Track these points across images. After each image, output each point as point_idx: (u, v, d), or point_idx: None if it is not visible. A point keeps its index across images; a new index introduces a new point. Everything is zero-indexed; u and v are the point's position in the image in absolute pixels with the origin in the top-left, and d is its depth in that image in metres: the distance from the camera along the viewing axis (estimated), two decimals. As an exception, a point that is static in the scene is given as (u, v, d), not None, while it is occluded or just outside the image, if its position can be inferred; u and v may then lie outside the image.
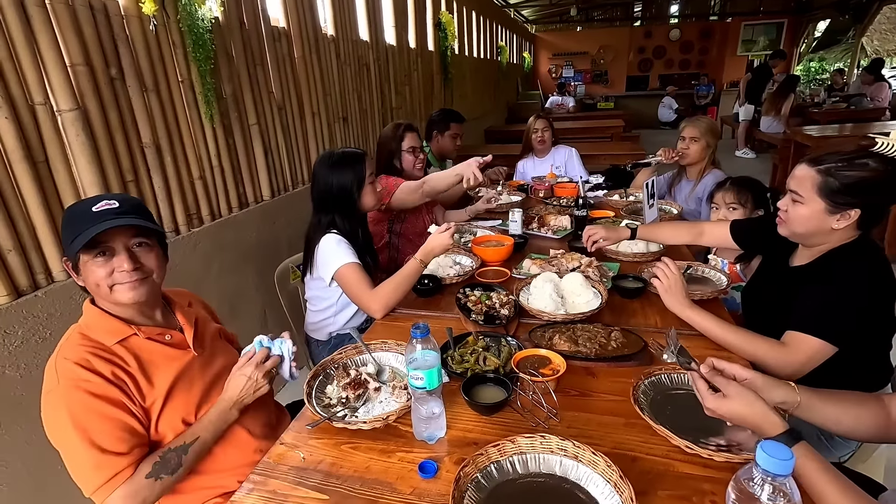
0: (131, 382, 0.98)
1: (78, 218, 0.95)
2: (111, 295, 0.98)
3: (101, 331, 0.99)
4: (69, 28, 1.49)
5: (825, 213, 1.14)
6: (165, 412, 1.01)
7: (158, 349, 1.04)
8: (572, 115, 9.17)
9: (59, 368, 0.94)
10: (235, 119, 2.23)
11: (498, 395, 1.04)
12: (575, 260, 1.69)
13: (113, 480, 0.91)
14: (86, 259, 0.95)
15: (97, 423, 0.92)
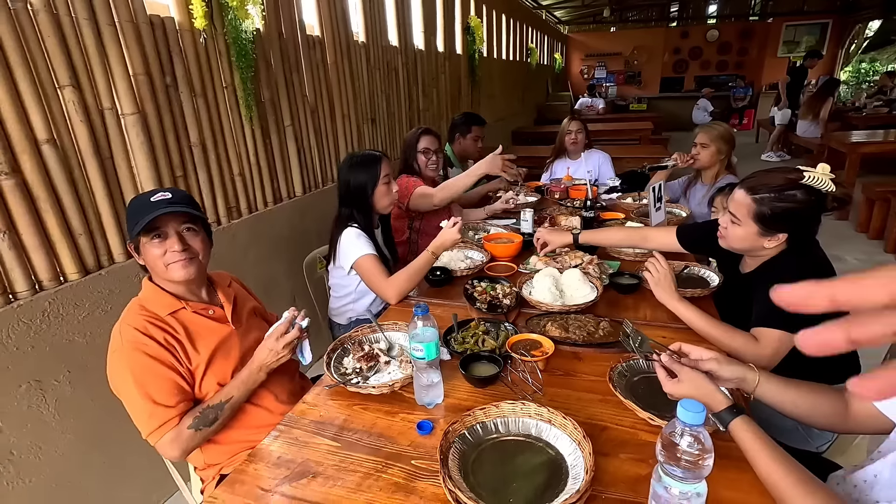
0: (180, 348, 1.16)
1: (139, 207, 1.14)
2: (166, 272, 1.17)
3: (157, 303, 1.18)
4: (133, 42, 1.71)
5: (758, 235, 1.30)
6: (207, 376, 1.19)
7: (203, 322, 1.23)
8: (602, 117, 9.15)
9: (122, 332, 1.14)
10: (272, 121, 2.44)
11: (491, 370, 1.18)
12: (578, 258, 1.81)
13: (162, 427, 1.10)
14: (145, 241, 1.15)
15: (152, 379, 1.11)
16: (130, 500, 1.78)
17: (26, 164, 1.44)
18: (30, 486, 1.47)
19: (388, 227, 2.04)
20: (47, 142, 1.48)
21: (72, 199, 1.56)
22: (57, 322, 1.52)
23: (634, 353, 1.16)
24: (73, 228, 1.58)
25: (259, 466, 0.96)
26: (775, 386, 1.02)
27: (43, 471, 1.51)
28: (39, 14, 1.45)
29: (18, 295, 1.45)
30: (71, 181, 1.56)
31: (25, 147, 1.43)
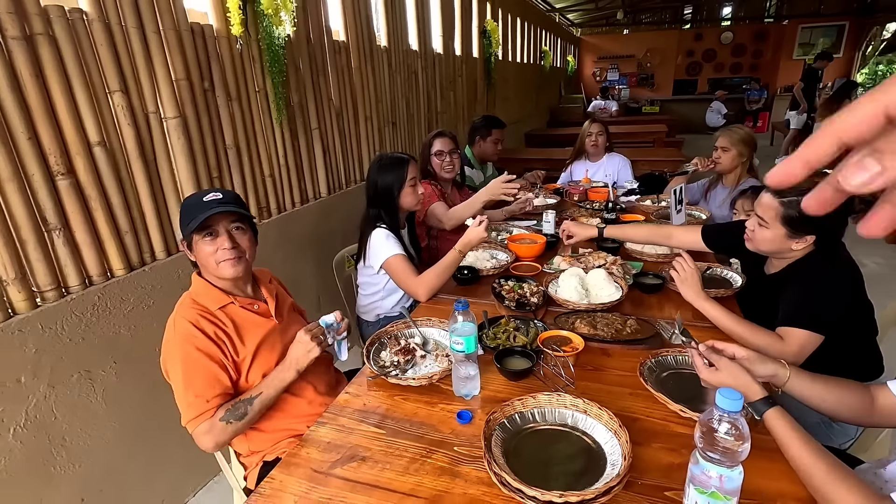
0: (228, 341, 1.23)
1: (192, 206, 1.21)
2: (217, 270, 1.23)
3: (207, 298, 1.25)
4: (176, 49, 1.79)
5: (785, 238, 1.34)
6: (253, 367, 1.26)
7: (249, 316, 1.29)
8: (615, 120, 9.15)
9: (176, 324, 1.21)
10: (300, 124, 2.51)
11: (524, 364, 1.24)
12: (601, 258, 1.86)
13: (198, 418, 1.16)
14: (197, 238, 1.21)
15: (195, 371, 1.17)
16: (170, 486, 1.86)
17: (80, 166, 1.52)
18: (79, 471, 1.55)
19: (414, 228, 2.10)
20: (98, 144, 1.57)
21: (119, 198, 1.64)
22: (105, 315, 1.60)
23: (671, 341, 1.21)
24: (120, 227, 1.66)
25: (311, 451, 1.03)
26: (804, 381, 1.06)
27: (91, 457, 1.58)
28: (94, 24, 1.53)
29: (71, 289, 1.53)
30: (118, 182, 1.64)
31: (80, 149, 1.51)
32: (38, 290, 1.45)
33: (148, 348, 1.74)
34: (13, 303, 1.39)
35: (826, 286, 1.31)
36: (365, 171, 3.11)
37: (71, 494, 1.53)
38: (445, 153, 2.39)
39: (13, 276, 1.37)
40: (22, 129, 1.36)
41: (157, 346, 1.76)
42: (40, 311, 1.43)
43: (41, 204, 1.43)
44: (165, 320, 1.78)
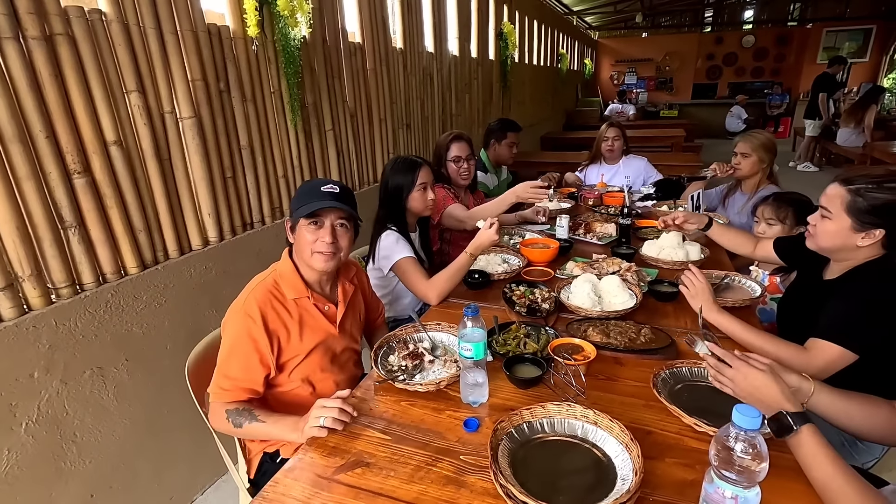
0: (286, 334, 1.24)
1: (309, 192, 1.24)
2: (310, 259, 1.25)
3: (289, 285, 1.27)
4: (193, 50, 1.80)
5: (851, 231, 1.22)
6: (299, 367, 1.29)
7: (317, 315, 1.31)
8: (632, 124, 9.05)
9: (246, 300, 1.23)
10: (314, 125, 2.52)
11: (534, 372, 1.21)
12: (615, 264, 1.82)
13: (218, 394, 1.21)
14: (303, 223, 1.24)
15: (237, 355, 1.20)
16: (179, 483, 1.87)
17: (96, 164, 1.54)
18: (89, 467, 1.56)
19: (426, 232, 2.09)
20: (115, 143, 1.58)
21: (134, 197, 1.66)
22: (118, 313, 1.62)
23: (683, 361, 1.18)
24: (135, 225, 1.67)
25: (314, 456, 1.01)
26: (829, 396, 1.02)
27: (102, 453, 1.60)
28: (112, 24, 1.55)
29: (85, 286, 1.54)
30: (133, 181, 1.65)
31: (96, 148, 1.53)
32: (53, 287, 1.47)
33: (159, 346, 1.76)
34: (28, 299, 1.41)
35: (878, 302, 1.19)
36: (378, 173, 3.11)
37: (81, 490, 1.54)
38: (462, 159, 2.36)
39: (29, 273, 1.39)
40: (40, 127, 1.38)
41: (169, 344, 1.79)
42: (54, 307, 1.45)
43: (58, 202, 1.45)
44: (177, 318, 1.81)
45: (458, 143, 2.37)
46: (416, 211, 1.92)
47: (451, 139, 2.38)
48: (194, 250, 1.91)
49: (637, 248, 2.05)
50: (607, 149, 3.23)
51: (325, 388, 1.35)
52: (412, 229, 1.98)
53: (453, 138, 2.38)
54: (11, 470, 1.37)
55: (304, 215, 1.22)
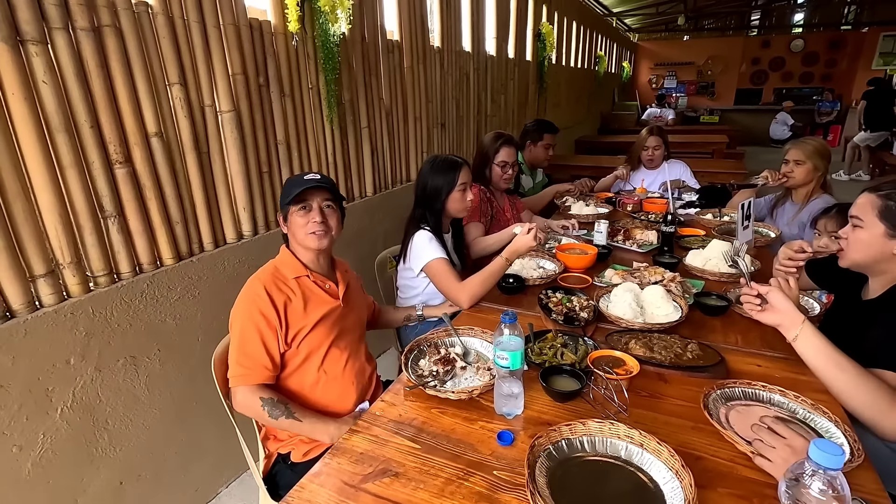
0: (291, 308, 1.30)
1: (294, 183, 1.33)
2: (304, 240, 1.33)
3: (288, 268, 1.35)
4: (234, 44, 1.81)
5: (885, 237, 1.17)
6: (306, 340, 1.32)
7: (318, 291, 1.37)
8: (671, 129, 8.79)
9: (251, 284, 1.31)
10: (350, 122, 2.50)
11: (572, 385, 1.15)
12: (658, 274, 1.73)
13: (239, 378, 1.25)
14: (293, 210, 1.32)
15: (251, 331, 1.26)
16: (204, 475, 1.87)
17: (137, 155, 1.55)
18: (119, 454, 1.58)
19: (459, 233, 2.04)
20: (155, 135, 1.59)
21: (172, 189, 1.67)
22: (153, 303, 1.63)
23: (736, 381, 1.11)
24: (172, 216, 1.69)
25: (342, 461, 0.98)
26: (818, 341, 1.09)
27: (132, 441, 1.61)
28: (158, 17, 1.56)
29: (122, 276, 1.56)
30: (172, 172, 1.67)
31: (138, 139, 1.54)
32: (92, 275, 1.49)
33: (191, 338, 1.77)
34: (68, 286, 1.43)
35: None
36: (412, 172, 3.08)
37: (111, 477, 1.56)
38: (509, 165, 2.29)
39: (69, 261, 1.41)
40: (85, 117, 1.40)
41: (200, 336, 1.79)
42: (92, 295, 1.46)
43: (99, 191, 1.46)
44: (210, 311, 1.82)
45: (508, 148, 2.30)
46: (454, 212, 1.88)
47: (503, 143, 2.29)
48: (228, 243, 1.92)
49: (681, 257, 1.94)
50: (647, 158, 3.12)
51: (335, 368, 1.37)
52: (445, 230, 1.93)
53: (504, 142, 2.30)
54: (46, 454, 1.39)
55: (293, 202, 1.30)
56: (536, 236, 1.90)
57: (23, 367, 1.32)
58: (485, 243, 2.09)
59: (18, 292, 1.31)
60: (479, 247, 2.10)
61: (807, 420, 1.03)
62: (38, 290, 1.36)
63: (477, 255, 2.13)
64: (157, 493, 1.71)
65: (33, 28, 1.27)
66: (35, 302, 1.36)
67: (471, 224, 2.17)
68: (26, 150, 1.30)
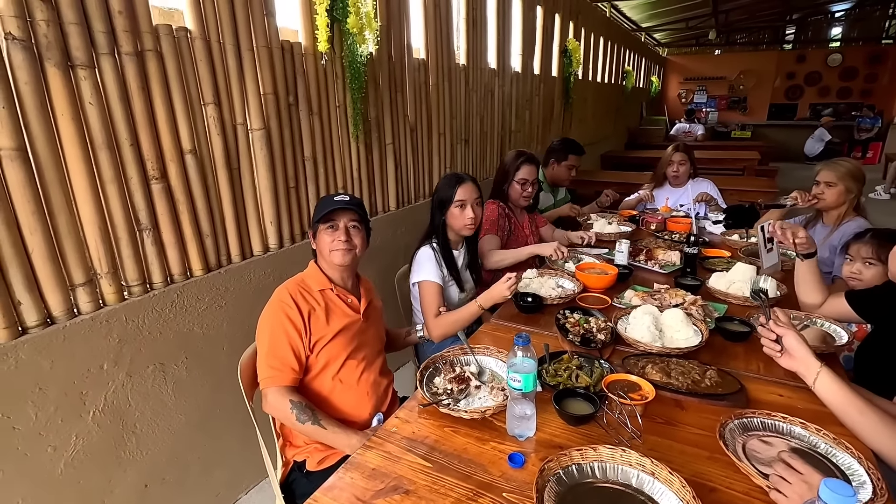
0: (314, 317, 1.38)
1: (324, 203, 1.44)
2: (330, 256, 1.42)
3: (314, 280, 1.45)
4: (266, 65, 1.89)
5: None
6: (325, 349, 1.38)
7: (340, 304, 1.46)
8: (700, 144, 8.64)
9: (279, 292, 1.40)
10: (375, 139, 2.57)
11: (586, 409, 1.14)
12: (679, 296, 1.71)
13: (270, 379, 1.31)
14: (321, 228, 1.42)
15: (279, 334, 1.33)
16: (226, 481, 1.92)
17: (172, 171, 1.63)
18: (146, 457, 1.64)
19: (473, 248, 2.06)
20: (190, 152, 1.67)
21: (203, 203, 1.74)
22: (182, 312, 1.70)
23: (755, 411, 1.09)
24: (202, 230, 1.76)
25: (355, 476, 1.00)
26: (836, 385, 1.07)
27: (158, 445, 1.67)
28: (196, 41, 1.65)
29: (155, 286, 1.63)
30: (204, 188, 1.74)
31: (173, 156, 1.62)
32: (126, 285, 1.56)
33: (216, 347, 1.83)
34: (104, 295, 1.51)
35: None
36: (434, 187, 3.12)
37: (137, 479, 1.62)
38: (529, 182, 2.31)
39: (106, 271, 1.48)
40: (126, 136, 1.48)
41: (225, 345, 1.85)
42: (126, 304, 1.54)
43: (136, 205, 1.54)
44: (236, 321, 1.88)
45: (528, 166, 2.31)
46: (454, 228, 1.91)
47: (523, 161, 2.31)
48: (255, 256, 1.99)
49: (704, 279, 1.91)
50: (672, 174, 3.08)
51: (350, 378, 1.42)
52: (455, 246, 1.96)
53: (525, 160, 2.31)
54: (77, 455, 1.45)
55: (321, 220, 1.40)
56: (558, 250, 1.93)
57: (60, 371, 1.39)
58: (499, 256, 2.11)
59: (59, 300, 1.39)
60: (494, 259, 2.12)
61: (828, 455, 1.00)
62: (77, 299, 1.44)
63: (491, 268, 2.14)
64: (179, 497, 1.76)
65: (83, 54, 1.36)
66: (74, 309, 1.44)
67: (486, 236, 2.19)
68: (71, 167, 1.38)
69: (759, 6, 9.14)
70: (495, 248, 2.17)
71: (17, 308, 1.32)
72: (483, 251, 2.16)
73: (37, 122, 1.29)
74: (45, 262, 1.34)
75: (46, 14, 1.27)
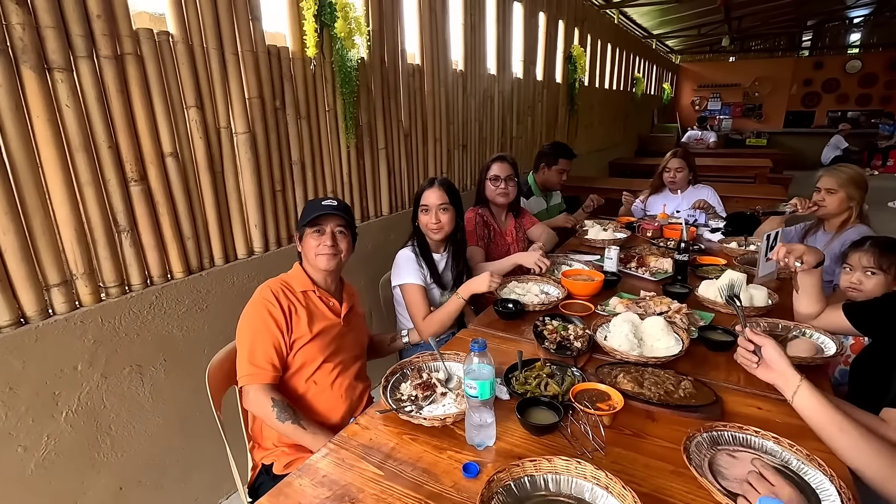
0: (295, 316, 1.38)
1: (312, 207, 1.45)
2: (315, 260, 1.42)
3: (296, 281, 1.44)
4: (252, 70, 1.90)
5: None
6: (302, 349, 1.37)
7: (321, 306, 1.45)
8: (712, 152, 8.51)
9: (260, 290, 1.39)
10: (367, 143, 2.56)
11: (549, 418, 1.10)
12: (664, 304, 1.66)
13: (251, 377, 1.29)
14: (308, 231, 1.42)
15: (261, 332, 1.32)
16: (204, 485, 1.91)
17: (152, 174, 1.64)
18: (121, 460, 1.64)
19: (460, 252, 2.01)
20: (171, 155, 1.68)
21: (185, 206, 1.75)
22: (160, 314, 1.70)
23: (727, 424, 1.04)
24: (184, 232, 1.76)
25: (304, 482, 0.98)
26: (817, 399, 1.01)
27: (133, 448, 1.67)
28: (178, 45, 1.66)
29: (133, 287, 1.64)
30: (186, 190, 1.75)
31: (153, 159, 1.63)
32: (104, 286, 1.57)
33: (197, 349, 1.82)
34: (80, 295, 1.51)
35: None
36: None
37: (111, 481, 1.61)
38: (501, 179, 2.27)
39: (82, 271, 1.49)
40: (104, 138, 1.50)
41: (206, 348, 1.84)
42: (102, 305, 1.54)
43: (114, 207, 1.55)
44: (217, 324, 1.88)
45: (499, 162, 2.29)
46: (423, 231, 1.90)
47: (494, 159, 2.31)
48: (239, 259, 1.99)
49: (693, 287, 1.86)
50: (669, 180, 3.02)
51: (324, 381, 1.41)
52: (435, 249, 1.94)
53: (496, 158, 2.31)
54: (49, 455, 1.45)
55: (308, 223, 1.40)
56: (538, 263, 1.91)
57: (32, 371, 1.40)
58: (483, 269, 2.07)
59: (33, 300, 1.40)
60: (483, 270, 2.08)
61: (800, 472, 0.95)
62: (52, 299, 1.45)
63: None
64: (156, 500, 1.75)
65: (60, 57, 1.38)
66: (48, 309, 1.45)
67: (471, 248, 2.16)
68: (47, 168, 1.40)
69: (773, 13, 9.01)
70: (480, 260, 2.14)
71: (-10, 307, 1.33)
72: (474, 261, 2.13)
73: (11, 123, 1.31)
74: (18, 263, 1.35)
75: (22, 18, 1.29)
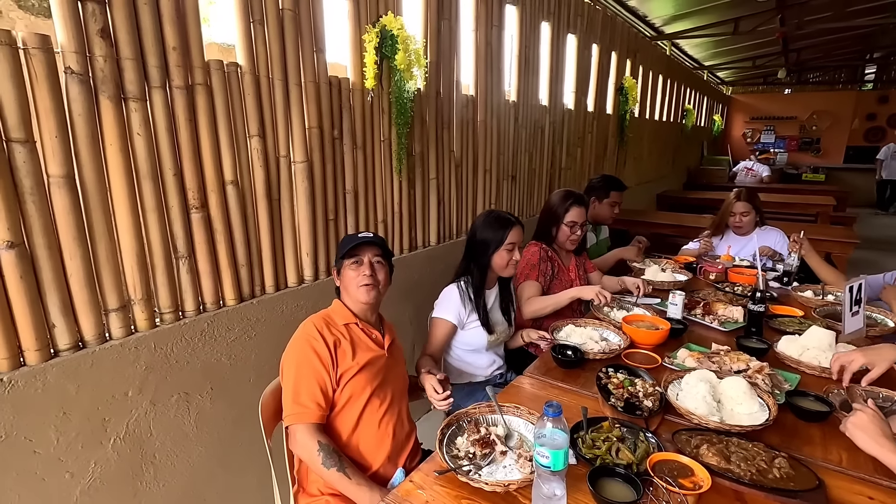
0: (341, 351, 1.36)
1: (348, 240, 1.45)
2: (355, 293, 1.42)
3: (338, 315, 1.44)
4: (313, 100, 1.91)
5: None
6: (350, 383, 1.35)
7: (365, 339, 1.44)
8: (766, 186, 8.13)
9: (304, 326, 1.40)
10: (419, 173, 2.54)
11: (626, 494, 0.99)
12: (742, 361, 1.51)
13: (296, 416, 1.28)
14: (346, 264, 1.43)
15: (306, 369, 1.31)
16: (239, 522, 1.86)
17: (212, 201, 1.65)
18: (162, 489, 1.60)
19: (507, 290, 1.95)
20: (231, 183, 1.69)
21: (241, 233, 1.75)
22: (210, 342, 1.68)
23: None
24: (238, 259, 1.76)
25: (356, 549, 0.90)
26: None
27: (176, 477, 1.63)
28: (245, 76, 1.69)
29: (186, 314, 1.63)
30: (243, 218, 1.75)
31: (215, 187, 1.64)
32: (159, 312, 1.57)
33: (243, 378, 1.80)
34: (136, 321, 1.51)
35: None
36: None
37: (151, 512, 1.58)
38: (578, 225, 2.18)
39: (140, 297, 1.49)
40: (170, 165, 1.52)
41: (252, 377, 1.82)
42: (156, 331, 1.54)
43: (174, 233, 1.56)
44: (265, 352, 1.85)
45: (578, 208, 2.19)
46: (497, 269, 1.85)
47: (573, 203, 2.19)
48: (289, 287, 1.97)
49: (772, 342, 1.69)
50: (735, 224, 2.83)
51: (372, 418, 1.39)
52: (489, 286, 1.89)
53: (574, 202, 2.19)
54: (94, 483, 1.43)
55: (345, 255, 1.41)
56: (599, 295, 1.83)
57: (85, 397, 1.39)
58: (540, 304, 1.99)
59: (92, 324, 1.40)
60: (533, 307, 2.00)
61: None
62: (110, 324, 1.45)
63: (529, 316, 2.02)
64: (193, 534, 1.71)
65: (136, 87, 1.41)
66: (105, 334, 1.45)
67: (526, 283, 2.07)
68: (115, 195, 1.41)
69: (835, 45, 8.67)
70: (534, 294, 2.05)
71: (52, 331, 1.34)
72: (521, 299, 2.04)
73: (86, 151, 1.33)
74: (81, 287, 1.36)
75: (104, 50, 1.33)
